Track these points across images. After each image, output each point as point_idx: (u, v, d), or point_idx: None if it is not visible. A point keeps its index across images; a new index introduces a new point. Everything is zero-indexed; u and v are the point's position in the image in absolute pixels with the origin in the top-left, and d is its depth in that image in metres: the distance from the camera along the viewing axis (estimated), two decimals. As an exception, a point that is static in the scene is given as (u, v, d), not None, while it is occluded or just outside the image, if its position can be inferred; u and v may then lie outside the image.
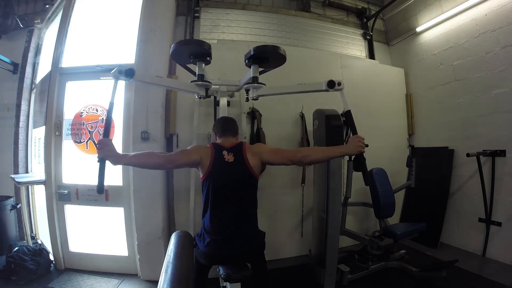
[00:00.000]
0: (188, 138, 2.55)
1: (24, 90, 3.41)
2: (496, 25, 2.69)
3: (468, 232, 2.92)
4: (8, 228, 2.89)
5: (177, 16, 3.18)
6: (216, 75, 2.36)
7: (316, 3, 3.78)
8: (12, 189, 3.15)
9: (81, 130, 2.61)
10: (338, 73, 3.31)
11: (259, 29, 3.43)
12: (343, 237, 2.76)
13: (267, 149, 1.58)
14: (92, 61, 2.63)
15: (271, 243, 2.31)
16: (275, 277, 2.38)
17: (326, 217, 2.25)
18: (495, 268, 2.49)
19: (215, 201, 1.50)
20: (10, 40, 3.48)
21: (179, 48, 1.57)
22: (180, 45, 1.57)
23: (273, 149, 1.57)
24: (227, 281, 1.43)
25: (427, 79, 3.49)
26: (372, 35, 3.91)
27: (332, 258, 2.27)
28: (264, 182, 2.72)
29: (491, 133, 2.76)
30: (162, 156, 1.46)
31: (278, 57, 1.64)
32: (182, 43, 1.60)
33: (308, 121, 2.85)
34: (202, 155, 1.52)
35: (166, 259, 1.26)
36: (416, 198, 3.38)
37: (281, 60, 1.68)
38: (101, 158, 1.26)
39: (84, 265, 2.57)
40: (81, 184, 2.56)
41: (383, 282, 2.41)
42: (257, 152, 1.57)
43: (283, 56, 1.60)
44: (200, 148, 1.58)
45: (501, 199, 2.65)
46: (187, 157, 1.50)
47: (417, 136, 3.64)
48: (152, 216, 2.42)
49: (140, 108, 2.45)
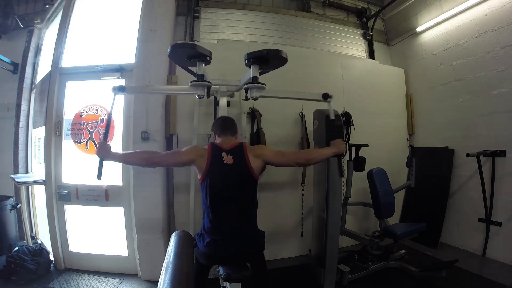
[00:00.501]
0: (188, 138, 2.55)
1: (24, 90, 3.41)
2: (496, 25, 2.69)
3: (468, 232, 2.92)
4: (8, 228, 2.90)
5: (177, 16, 3.18)
6: (216, 75, 2.36)
7: (316, 3, 3.78)
8: (12, 189, 3.15)
9: (81, 130, 2.61)
10: (338, 73, 3.32)
11: (259, 29, 3.43)
12: (343, 237, 2.76)
13: (270, 152, 1.61)
14: (92, 61, 2.63)
15: (271, 243, 2.32)
16: (275, 277, 2.38)
17: (326, 217, 2.25)
18: (495, 268, 2.49)
19: (214, 201, 1.51)
20: (10, 40, 3.48)
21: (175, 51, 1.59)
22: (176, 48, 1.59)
23: (277, 152, 1.62)
24: (227, 281, 1.43)
25: (427, 79, 3.49)
26: (372, 35, 3.91)
27: (332, 258, 2.26)
28: (264, 182, 2.72)
29: (491, 133, 2.76)
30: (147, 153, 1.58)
31: (278, 59, 1.64)
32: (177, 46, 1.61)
33: (308, 121, 2.84)
34: (196, 158, 1.54)
35: (166, 259, 1.26)
36: (416, 198, 3.38)
37: (282, 62, 1.68)
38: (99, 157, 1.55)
39: (84, 265, 2.57)
40: (81, 184, 2.56)
41: (383, 282, 2.41)
42: (260, 154, 1.59)
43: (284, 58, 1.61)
44: (195, 150, 1.58)
45: (501, 199, 2.65)
46: (173, 159, 1.60)
47: (417, 136, 3.64)
48: (152, 216, 2.42)
49: (140, 108, 2.45)
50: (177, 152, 1.65)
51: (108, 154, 1.54)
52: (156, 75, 2.50)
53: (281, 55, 1.57)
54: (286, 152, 1.67)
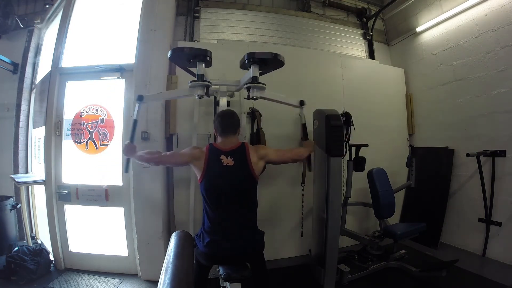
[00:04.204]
0: (188, 138, 2.55)
1: (24, 90, 3.41)
2: (496, 25, 2.69)
3: (468, 232, 2.92)
4: (8, 228, 2.90)
5: (177, 16, 3.18)
6: (216, 75, 2.36)
7: (316, 3, 3.77)
8: (12, 189, 3.15)
9: (81, 130, 2.61)
10: (338, 73, 3.31)
11: (259, 29, 3.43)
12: (343, 237, 2.76)
13: (272, 153, 1.72)
14: (92, 61, 2.64)
15: (271, 243, 2.32)
16: (275, 277, 2.38)
17: (326, 217, 2.25)
18: (495, 268, 2.49)
19: (214, 202, 1.51)
20: (10, 40, 3.48)
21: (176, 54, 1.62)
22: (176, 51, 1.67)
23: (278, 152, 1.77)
24: (227, 281, 1.43)
25: (427, 79, 3.49)
26: (372, 35, 3.91)
27: (332, 258, 2.26)
28: (264, 182, 2.71)
29: (491, 133, 2.76)
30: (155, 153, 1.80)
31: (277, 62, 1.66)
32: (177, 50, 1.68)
33: (308, 121, 2.84)
34: (191, 161, 1.60)
35: (166, 259, 1.26)
36: (416, 198, 3.38)
37: (280, 63, 1.70)
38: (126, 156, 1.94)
39: (84, 265, 2.57)
40: (81, 184, 2.56)
41: (383, 282, 2.41)
42: (263, 156, 1.62)
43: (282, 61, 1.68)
44: (191, 153, 1.62)
45: (501, 199, 2.65)
46: (173, 159, 1.78)
47: (417, 136, 3.64)
48: (152, 216, 2.42)
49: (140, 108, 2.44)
50: (175, 154, 1.80)
51: (133, 154, 1.85)
52: (156, 75, 2.50)
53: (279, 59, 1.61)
54: (284, 150, 1.87)
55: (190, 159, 1.60)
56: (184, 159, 1.63)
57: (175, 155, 1.76)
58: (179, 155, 1.69)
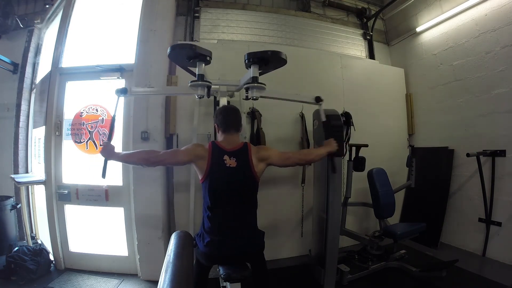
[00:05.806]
0: (188, 138, 2.55)
1: (24, 90, 3.41)
2: (496, 25, 2.69)
3: (468, 232, 2.92)
4: (8, 228, 2.90)
5: (177, 16, 3.17)
6: (216, 75, 2.36)
7: (316, 3, 3.77)
8: (12, 189, 3.15)
9: (81, 130, 2.61)
10: (338, 73, 3.31)
11: (259, 29, 3.43)
12: (343, 237, 2.76)
13: (275, 156, 1.63)
14: (92, 61, 2.63)
15: (271, 243, 2.31)
16: (275, 277, 2.38)
17: (326, 217, 2.25)
18: (495, 268, 2.49)
19: (215, 202, 1.50)
20: (10, 40, 3.48)
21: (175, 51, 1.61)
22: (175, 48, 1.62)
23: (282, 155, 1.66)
24: (227, 281, 1.43)
25: (427, 79, 3.49)
26: (372, 35, 3.91)
27: (332, 258, 2.26)
28: (264, 182, 2.69)
29: (491, 133, 2.76)
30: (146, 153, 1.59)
31: (278, 60, 1.65)
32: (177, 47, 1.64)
33: (308, 121, 2.84)
34: (195, 159, 1.54)
35: (166, 259, 1.26)
36: (416, 198, 3.38)
37: (281, 63, 1.69)
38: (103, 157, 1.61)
39: (84, 265, 2.57)
40: (81, 184, 2.56)
41: (383, 282, 2.41)
42: (265, 157, 1.59)
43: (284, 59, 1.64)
44: (194, 152, 1.55)
45: (501, 199, 2.65)
46: (172, 158, 1.62)
47: (417, 136, 3.64)
48: (152, 216, 2.42)
49: (140, 108, 2.45)
50: (176, 152, 1.64)
51: (112, 154, 1.58)
52: (156, 75, 2.50)
53: (281, 57, 1.59)
54: (289, 153, 1.72)
55: (194, 158, 1.54)
56: (187, 158, 1.55)
57: (177, 154, 1.60)
58: (182, 153, 1.57)
